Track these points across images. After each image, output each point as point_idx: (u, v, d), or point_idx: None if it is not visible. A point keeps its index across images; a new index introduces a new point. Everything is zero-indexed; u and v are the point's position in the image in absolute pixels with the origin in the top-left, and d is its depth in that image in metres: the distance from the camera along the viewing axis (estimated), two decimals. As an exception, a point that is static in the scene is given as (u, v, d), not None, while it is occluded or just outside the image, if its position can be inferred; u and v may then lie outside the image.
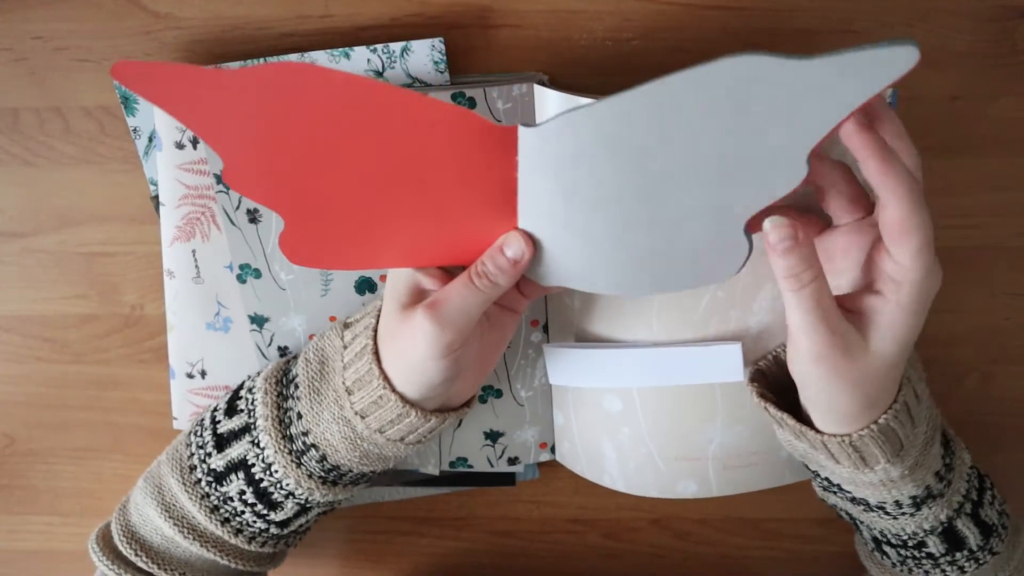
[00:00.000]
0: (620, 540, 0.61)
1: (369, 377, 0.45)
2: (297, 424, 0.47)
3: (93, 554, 0.50)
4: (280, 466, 0.47)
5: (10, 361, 0.59)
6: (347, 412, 0.46)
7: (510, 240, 0.43)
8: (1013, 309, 0.55)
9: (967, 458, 0.48)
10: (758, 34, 0.50)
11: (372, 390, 0.45)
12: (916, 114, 0.51)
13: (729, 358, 0.48)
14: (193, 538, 0.49)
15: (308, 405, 0.47)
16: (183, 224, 0.53)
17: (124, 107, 0.52)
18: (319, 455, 0.47)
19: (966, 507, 0.46)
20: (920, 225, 0.38)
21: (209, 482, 0.49)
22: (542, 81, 0.50)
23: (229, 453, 0.48)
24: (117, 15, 0.52)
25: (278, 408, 0.48)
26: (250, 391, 0.49)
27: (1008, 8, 0.49)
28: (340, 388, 0.46)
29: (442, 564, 0.62)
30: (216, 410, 0.50)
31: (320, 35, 0.51)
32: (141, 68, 0.36)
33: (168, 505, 0.49)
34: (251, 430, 0.48)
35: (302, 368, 0.48)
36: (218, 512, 0.49)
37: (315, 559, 0.62)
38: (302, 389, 0.47)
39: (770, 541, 0.60)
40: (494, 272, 0.43)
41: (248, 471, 0.48)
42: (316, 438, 0.47)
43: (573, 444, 0.56)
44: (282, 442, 0.47)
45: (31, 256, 0.56)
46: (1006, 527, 0.48)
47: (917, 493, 0.44)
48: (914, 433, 0.43)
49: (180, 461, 0.50)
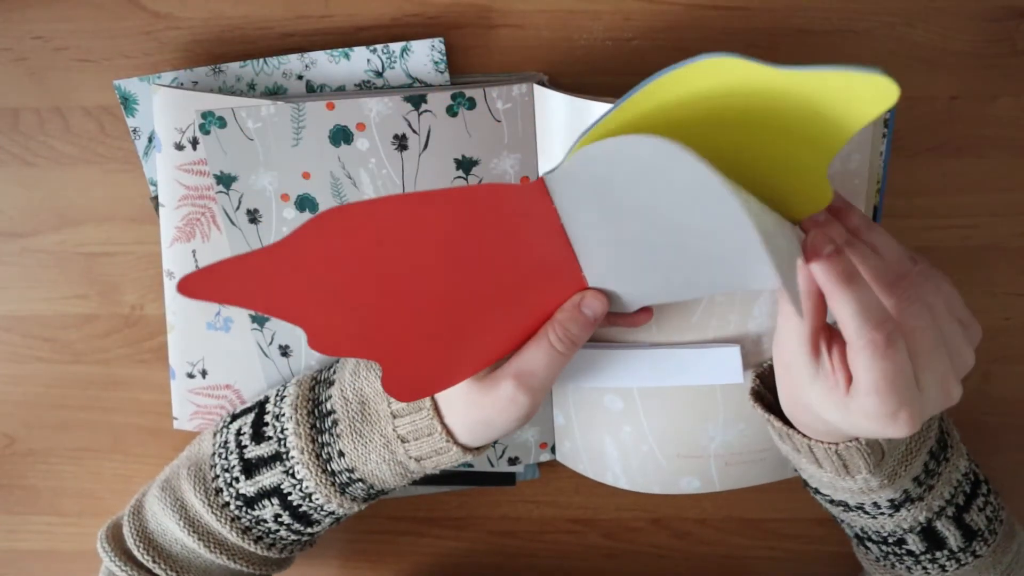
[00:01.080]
0: (620, 540, 0.61)
1: (429, 431, 0.46)
2: (339, 461, 0.47)
3: (103, 553, 0.50)
4: (322, 495, 0.48)
5: (10, 361, 0.59)
6: (400, 456, 0.47)
7: (588, 300, 0.43)
8: (1013, 309, 0.55)
9: (962, 464, 0.47)
10: (758, 34, 0.50)
11: (433, 442, 0.46)
12: (916, 114, 0.51)
13: (728, 360, 0.48)
14: (220, 552, 0.49)
15: (351, 446, 0.47)
16: (183, 225, 0.53)
17: (124, 107, 0.52)
18: (366, 486, 0.48)
19: (948, 511, 0.46)
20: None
21: (239, 506, 0.49)
22: (542, 81, 0.50)
23: (260, 481, 0.48)
24: (117, 15, 0.52)
25: (313, 442, 0.47)
26: (277, 418, 0.49)
27: (1008, 8, 0.49)
28: (391, 435, 0.46)
29: (442, 564, 0.62)
30: (241, 433, 0.50)
31: (320, 35, 0.51)
32: (202, 278, 0.34)
33: (192, 521, 0.49)
34: (283, 459, 0.48)
35: (340, 406, 0.48)
36: (250, 532, 0.49)
37: (315, 559, 0.62)
38: (343, 428, 0.47)
39: (770, 541, 0.60)
40: (576, 334, 0.43)
41: (284, 498, 0.48)
42: (363, 474, 0.47)
43: (575, 443, 0.56)
44: (323, 476, 0.47)
45: (31, 256, 0.56)
46: (995, 532, 0.48)
47: (895, 496, 0.44)
48: (898, 445, 0.43)
49: (204, 482, 0.49)
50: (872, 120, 0.33)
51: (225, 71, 0.51)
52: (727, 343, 0.49)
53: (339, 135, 0.49)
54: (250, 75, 0.51)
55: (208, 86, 0.51)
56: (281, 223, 0.51)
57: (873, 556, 0.50)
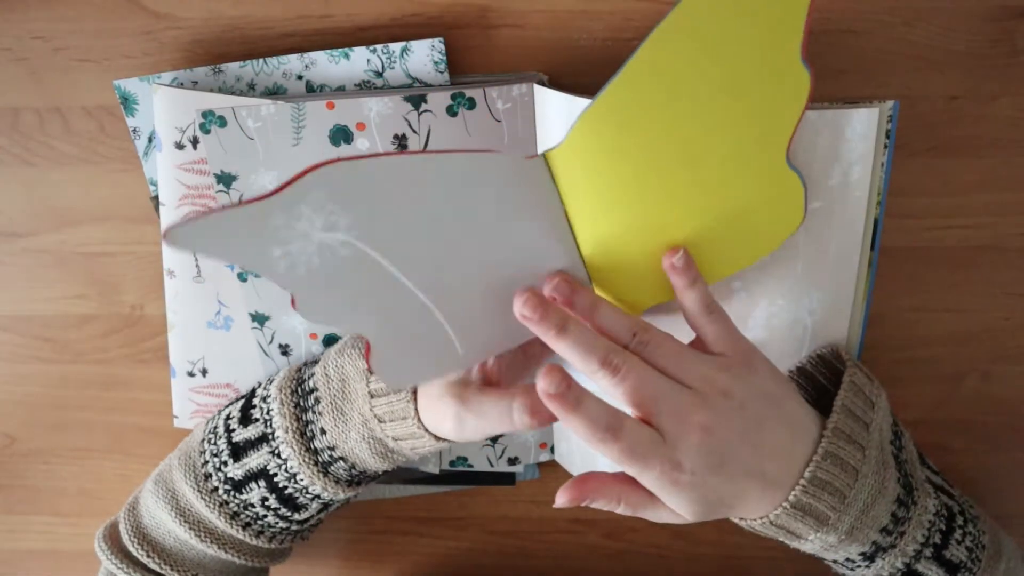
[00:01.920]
0: (620, 540, 0.61)
1: (404, 414, 0.46)
2: (321, 439, 0.48)
3: (100, 552, 0.50)
4: (306, 476, 0.48)
5: (10, 361, 0.59)
6: (378, 434, 0.47)
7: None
8: (1013, 309, 0.55)
9: (931, 504, 0.46)
10: (758, 34, 0.50)
11: (407, 426, 0.46)
12: (916, 114, 0.51)
13: None
14: (211, 541, 0.49)
15: (332, 423, 0.47)
16: (183, 224, 0.53)
17: (124, 107, 0.52)
18: (348, 465, 0.48)
19: (926, 552, 0.45)
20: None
21: (227, 490, 0.49)
22: (542, 81, 0.50)
23: (247, 463, 0.48)
24: (117, 15, 0.52)
25: (297, 420, 0.48)
26: (264, 400, 0.49)
27: (1008, 8, 0.49)
28: (368, 414, 0.47)
29: (442, 564, 0.62)
30: (230, 418, 0.50)
31: (320, 35, 0.51)
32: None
33: (183, 510, 0.49)
34: (269, 440, 0.48)
35: (322, 384, 0.48)
36: (238, 518, 0.49)
37: (315, 559, 0.62)
38: (324, 406, 0.48)
39: (770, 541, 0.60)
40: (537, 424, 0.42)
41: (270, 480, 0.48)
42: (344, 452, 0.48)
43: (570, 444, 0.56)
44: (306, 455, 0.48)
45: (31, 256, 0.56)
46: (978, 559, 0.47)
47: (865, 550, 0.44)
48: (843, 504, 0.41)
49: (194, 469, 0.50)
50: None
51: (225, 71, 0.51)
52: None
53: (339, 135, 0.49)
54: (250, 75, 0.51)
55: (208, 86, 0.51)
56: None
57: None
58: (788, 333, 0.48)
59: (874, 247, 0.47)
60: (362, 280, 0.39)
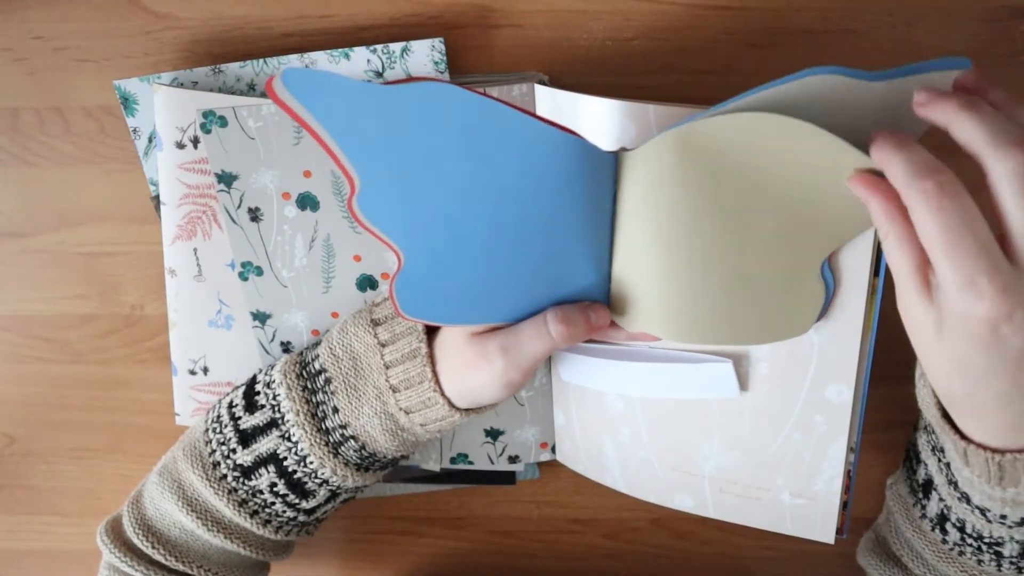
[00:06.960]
0: (620, 540, 0.61)
1: (420, 379, 0.47)
2: (333, 418, 0.48)
3: (103, 545, 0.50)
4: (316, 457, 0.48)
5: (10, 361, 0.59)
6: (391, 408, 0.48)
7: (597, 309, 0.45)
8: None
9: None
10: (758, 34, 0.50)
11: (422, 391, 0.47)
12: (916, 114, 0.51)
13: (722, 375, 0.48)
14: (217, 531, 0.49)
15: (346, 400, 0.48)
16: (184, 223, 0.53)
17: (124, 107, 0.52)
18: (358, 445, 0.49)
19: None
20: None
21: (236, 477, 0.49)
22: (542, 81, 0.50)
23: (257, 448, 0.49)
24: (117, 15, 0.52)
25: (307, 402, 0.48)
26: (268, 386, 0.50)
27: (1008, 8, 0.50)
28: (383, 385, 0.47)
29: (442, 564, 0.62)
30: (233, 406, 0.50)
31: (320, 35, 0.51)
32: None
33: (190, 500, 0.50)
34: (279, 424, 0.49)
35: (331, 364, 0.49)
36: (246, 505, 0.50)
37: (315, 559, 0.62)
38: (336, 384, 0.48)
39: (770, 541, 0.60)
40: (573, 332, 0.44)
41: (280, 464, 0.49)
42: (356, 430, 0.48)
43: (575, 443, 0.56)
44: (318, 435, 0.48)
45: (31, 256, 0.56)
46: None
47: None
48: None
49: (201, 458, 0.50)
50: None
51: (225, 71, 0.51)
52: (720, 358, 0.48)
53: (339, 135, 0.49)
54: (250, 75, 0.51)
55: (208, 86, 0.51)
56: (282, 221, 0.52)
57: (941, 538, 0.45)
58: (796, 345, 0.47)
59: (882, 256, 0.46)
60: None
